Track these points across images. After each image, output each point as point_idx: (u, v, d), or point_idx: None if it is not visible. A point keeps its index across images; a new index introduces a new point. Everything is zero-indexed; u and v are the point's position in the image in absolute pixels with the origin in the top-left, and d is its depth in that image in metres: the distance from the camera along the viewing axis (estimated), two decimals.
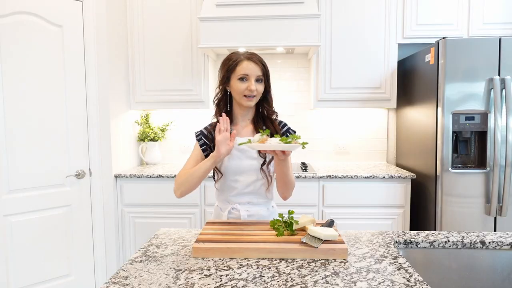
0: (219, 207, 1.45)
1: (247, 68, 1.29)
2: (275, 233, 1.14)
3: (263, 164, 1.34)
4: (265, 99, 1.38)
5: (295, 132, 1.40)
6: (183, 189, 1.30)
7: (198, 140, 1.40)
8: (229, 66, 1.32)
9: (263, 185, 1.37)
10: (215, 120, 1.41)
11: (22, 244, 2.07)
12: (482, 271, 1.16)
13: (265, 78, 1.33)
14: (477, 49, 2.09)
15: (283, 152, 1.13)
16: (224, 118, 1.26)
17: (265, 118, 1.39)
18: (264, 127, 1.37)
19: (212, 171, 1.38)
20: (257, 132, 1.35)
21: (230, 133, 1.25)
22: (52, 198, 2.16)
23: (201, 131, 1.42)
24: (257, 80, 1.31)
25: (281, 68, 2.96)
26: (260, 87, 1.32)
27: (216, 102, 1.41)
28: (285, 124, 1.43)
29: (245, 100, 1.31)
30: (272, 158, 1.33)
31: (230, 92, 1.36)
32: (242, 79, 1.30)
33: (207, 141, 1.38)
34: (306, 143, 1.10)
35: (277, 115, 1.42)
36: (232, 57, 1.33)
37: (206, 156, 1.35)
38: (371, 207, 2.40)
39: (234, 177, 1.36)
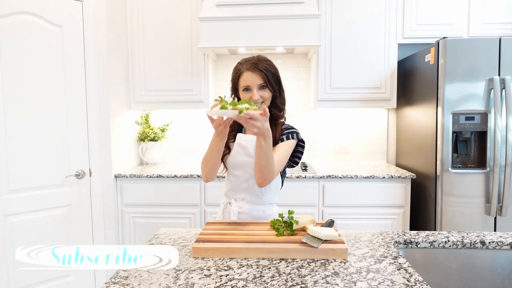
0: (223, 201, 1.50)
1: (247, 79, 1.33)
2: (275, 233, 1.14)
3: None
4: (273, 102, 1.39)
5: (304, 142, 1.40)
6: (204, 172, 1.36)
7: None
8: (234, 78, 1.39)
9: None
10: None
11: (22, 244, 2.06)
12: (482, 271, 1.16)
13: (268, 84, 1.33)
14: (477, 49, 2.09)
15: (249, 119, 1.05)
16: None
17: (272, 121, 1.40)
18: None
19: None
20: None
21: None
22: (52, 198, 2.16)
23: None
24: (260, 88, 1.34)
25: (281, 68, 2.93)
26: (265, 94, 1.34)
27: None
28: (290, 128, 1.40)
29: None
30: None
31: None
32: (245, 89, 1.34)
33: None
34: (255, 109, 1.05)
35: (284, 120, 1.43)
36: (236, 68, 1.38)
37: (227, 147, 1.39)
38: (371, 207, 2.40)
39: (233, 171, 1.42)
